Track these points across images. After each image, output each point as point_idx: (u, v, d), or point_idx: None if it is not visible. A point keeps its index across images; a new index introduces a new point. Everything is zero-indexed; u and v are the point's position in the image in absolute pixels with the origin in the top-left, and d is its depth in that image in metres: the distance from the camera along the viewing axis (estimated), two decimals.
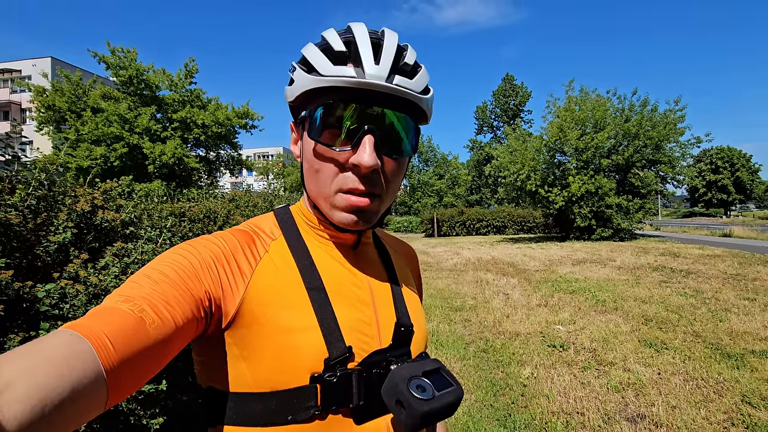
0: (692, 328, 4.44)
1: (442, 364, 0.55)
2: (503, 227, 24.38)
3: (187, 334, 0.45)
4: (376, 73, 0.49)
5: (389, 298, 0.62)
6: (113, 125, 16.00)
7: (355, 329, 0.55)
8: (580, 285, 6.89)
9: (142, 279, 0.45)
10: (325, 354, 0.51)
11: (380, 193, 0.54)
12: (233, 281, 0.51)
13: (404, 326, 0.60)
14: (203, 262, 0.49)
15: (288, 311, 0.52)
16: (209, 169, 20.08)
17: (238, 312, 0.50)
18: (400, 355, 0.58)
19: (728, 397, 2.90)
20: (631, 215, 15.52)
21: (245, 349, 0.50)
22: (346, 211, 0.53)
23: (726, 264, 8.60)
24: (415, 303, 0.67)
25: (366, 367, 0.53)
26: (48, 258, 1.62)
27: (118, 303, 0.41)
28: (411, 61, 0.53)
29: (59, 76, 17.33)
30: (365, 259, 0.64)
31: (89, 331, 0.36)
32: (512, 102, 44.26)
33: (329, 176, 0.52)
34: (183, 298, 0.45)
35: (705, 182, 53.24)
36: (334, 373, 0.51)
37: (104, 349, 0.36)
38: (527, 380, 3.32)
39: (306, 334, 0.51)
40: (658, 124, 14.98)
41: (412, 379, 0.50)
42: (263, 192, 8.03)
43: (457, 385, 0.52)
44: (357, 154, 0.50)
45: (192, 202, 3.68)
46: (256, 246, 0.56)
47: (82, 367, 0.33)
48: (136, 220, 2.38)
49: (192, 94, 18.15)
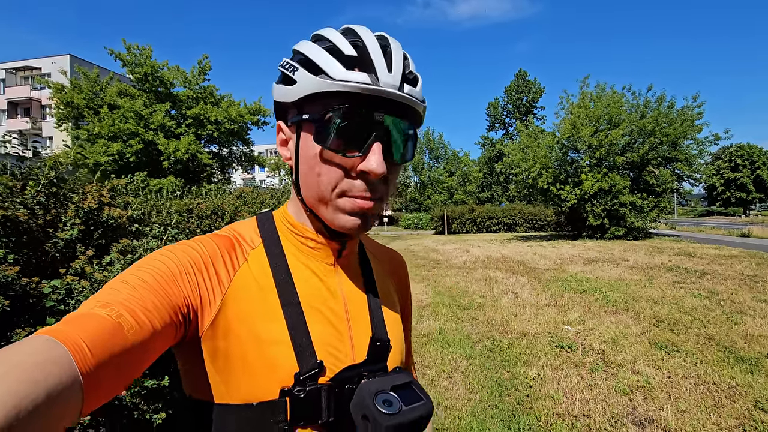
0: (705, 330, 4.35)
1: (413, 378, 0.54)
2: (514, 225, 24.16)
3: (166, 340, 0.45)
4: (391, 81, 0.49)
5: (365, 311, 0.61)
6: (129, 121, 16.29)
7: (328, 344, 0.55)
8: (591, 285, 6.79)
9: (119, 284, 0.45)
10: (295, 368, 0.51)
11: (380, 197, 0.54)
12: (211, 289, 0.51)
13: (380, 340, 0.59)
14: (182, 268, 0.49)
15: (262, 324, 0.52)
16: (222, 165, 20.32)
17: (214, 321, 0.50)
18: (376, 370, 0.57)
19: (740, 403, 2.83)
20: (646, 214, 15.22)
21: (219, 361, 0.51)
22: (351, 214, 0.52)
23: (743, 265, 8.39)
24: (394, 316, 0.66)
25: (337, 382, 0.53)
26: (56, 254, 1.65)
27: (95, 308, 0.41)
28: (414, 69, 0.55)
29: (77, 73, 17.70)
30: (345, 271, 0.63)
31: (65, 336, 0.36)
32: (525, 98, 43.68)
33: (333, 181, 0.52)
34: (161, 304, 0.45)
35: (723, 180, 51.85)
36: (303, 388, 0.50)
37: (81, 353, 0.35)
38: (533, 381, 3.29)
39: (277, 347, 0.51)
40: (674, 120, 14.63)
41: (379, 393, 0.49)
42: (271, 188, 8.09)
43: (428, 400, 0.52)
44: (366, 161, 0.50)
45: (200, 198, 3.72)
46: (236, 254, 0.56)
47: (57, 372, 0.33)
48: (144, 216, 2.41)
49: (205, 91, 18.36)
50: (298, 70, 0.51)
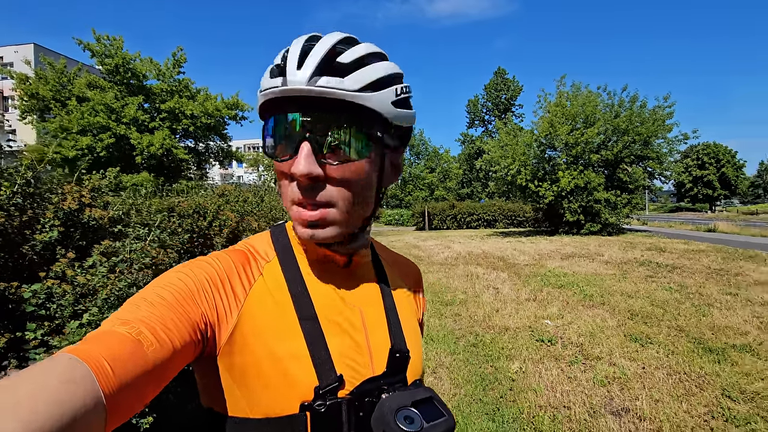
0: (676, 322, 4.55)
1: (434, 392, 0.54)
2: (494, 221, 24.55)
3: (185, 357, 0.45)
4: (297, 78, 0.48)
5: (383, 322, 0.61)
6: (99, 115, 15.69)
7: (346, 356, 0.54)
8: (569, 279, 6.99)
9: (139, 302, 0.45)
10: (315, 382, 0.51)
11: (330, 202, 0.50)
12: (227, 305, 0.51)
13: (399, 352, 0.58)
14: (199, 285, 0.50)
15: (279, 339, 0.52)
16: (198, 160, 19.84)
17: (230, 337, 0.50)
18: (395, 383, 0.56)
19: (709, 391, 2.99)
20: (619, 210, 15.75)
21: (237, 376, 0.51)
22: (299, 224, 0.52)
23: (710, 259, 8.80)
24: (413, 327, 0.65)
25: (357, 396, 0.52)
26: (34, 257, 1.59)
27: (116, 326, 0.41)
28: (349, 59, 0.50)
29: (43, 63, 16.87)
30: (359, 281, 0.62)
31: (88, 356, 0.36)
32: (504, 96, 44.34)
33: (285, 189, 0.52)
34: (180, 321, 0.45)
35: (691, 178, 54.23)
36: (323, 402, 0.50)
37: (103, 373, 0.36)
38: (516, 375, 3.38)
39: (296, 362, 0.51)
40: (646, 120, 15.16)
41: (400, 409, 0.49)
42: (254, 186, 7.96)
43: (449, 416, 0.51)
44: (293, 164, 0.49)
45: (181, 196, 3.63)
46: (251, 268, 0.56)
47: (81, 392, 0.33)
48: (125, 216, 2.34)
49: (180, 84, 17.85)
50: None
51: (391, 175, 0.59)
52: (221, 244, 3.08)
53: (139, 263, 1.68)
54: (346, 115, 0.50)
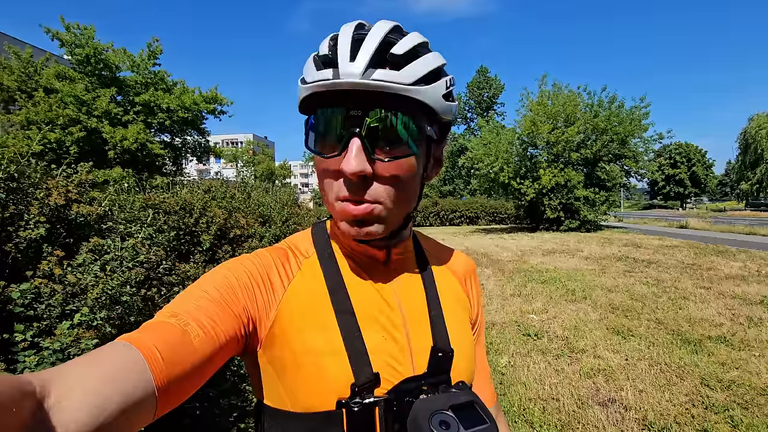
0: (655, 315, 4.71)
1: (477, 396, 0.51)
2: (476, 218, 24.88)
3: (228, 351, 0.47)
4: (350, 70, 0.46)
5: (425, 320, 0.58)
6: (69, 107, 14.99)
7: (385, 354, 0.53)
8: (551, 275, 7.15)
9: (187, 297, 0.47)
10: (351, 379, 0.50)
11: (379, 199, 0.49)
12: (267, 300, 0.52)
13: (442, 351, 0.56)
14: (241, 281, 0.51)
15: (316, 334, 0.51)
16: (175, 155, 19.26)
17: (270, 331, 0.51)
18: (437, 383, 0.54)
19: (689, 381, 3.11)
20: (597, 207, 16.21)
21: (278, 370, 0.51)
22: (344, 221, 0.51)
23: (683, 254, 9.15)
24: (459, 323, 0.62)
25: (396, 395, 0.51)
26: (18, 255, 1.51)
27: (166, 318, 0.43)
28: (402, 50, 0.48)
29: (7, 52, 15.99)
30: (399, 276, 0.60)
31: (140, 343, 0.38)
32: (486, 94, 44.81)
33: (329, 186, 0.51)
34: (224, 315, 0.46)
35: (664, 176, 56.20)
36: (360, 401, 0.49)
37: (155, 361, 0.38)
38: (505, 368, 3.43)
39: (333, 358, 0.50)
40: (624, 120, 15.62)
41: (436, 413, 0.46)
42: (241, 183, 7.80)
43: (492, 423, 0.47)
44: (343, 161, 0.47)
45: (163, 192, 3.52)
46: (290, 264, 0.56)
47: (135, 377, 0.35)
48: (109, 213, 2.25)
49: (156, 77, 17.22)
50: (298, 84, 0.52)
51: (433, 169, 0.58)
52: (209, 241, 3.01)
53: (131, 261, 1.62)
54: (401, 110, 0.48)
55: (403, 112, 0.48)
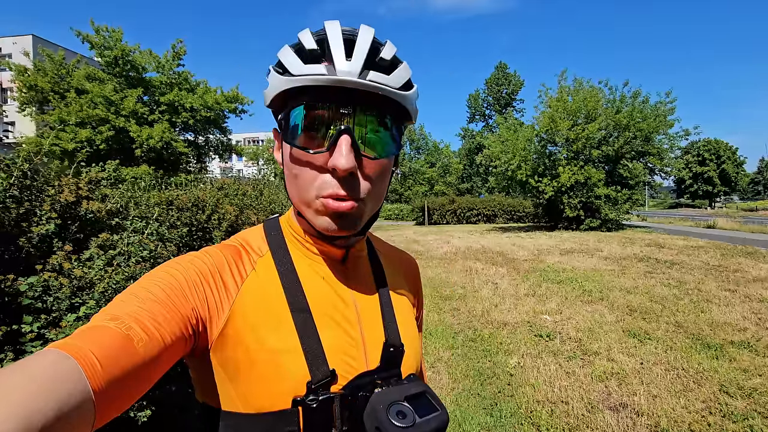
0: (675, 318, 4.56)
1: (428, 387, 0.53)
2: (493, 216, 24.56)
3: (175, 353, 0.45)
4: (348, 68, 0.47)
5: (378, 316, 0.60)
6: (98, 107, 15.59)
7: (340, 351, 0.54)
8: (568, 275, 7.00)
9: (128, 297, 0.45)
10: (307, 377, 0.50)
11: (361, 196, 0.51)
12: (219, 300, 0.50)
13: (393, 346, 0.58)
14: (190, 280, 0.49)
15: (271, 333, 0.51)
16: (198, 153, 19.75)
17: (222, 331, 0.50)
18: (389, 377, 0.56)
19: (707, 387, 2.99)
20: (619, 206, 15.75)
21: (230, 371, 0.50)
22: (327, 216, 0.51)
23: (709, 255, 8.80)
24: (408, 319, 0.65)
25: (351, 390, 0.52)
26: (31, 249, 1.58)
27: (105, 321, 0.41)
28: (388, 56, 0.51)
29: (41, 55, 16.74)
30: (354, 275, 0.62)
31: (76, 350, 0.36)
32: (505, 91, 44.11)
33: (308, 181, 0.51)
34: (170, 316, 0.44)
35: (691, 174, 54.14)
36: (316, 397, 0.49)
37: (91, 368, 0.35)
38: (514, 369, 3.38)
39: (288, 356, 0.50)
40: (648, 116, 15.10)
41: (393, 404, 0.48)
42: (253, 179, 7.94)
43: (443, 410, 0.51)
44: (333, 157, 0.47)
45: (180, 189, 3.62)
46: (243, 263, 0.55)
47: (68, 387, 0.33)
48: (123, 209, 2.33)
49: (180, 77, 17.72)
50: (270, 72, 0.52)
51: (395, 170, 0.60)
52: (220, 238, 3.07)
53: (137, 256, 1.68)
54: (387, 111, 0.51)
55: (389, 113, 0.51)
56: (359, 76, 0.47)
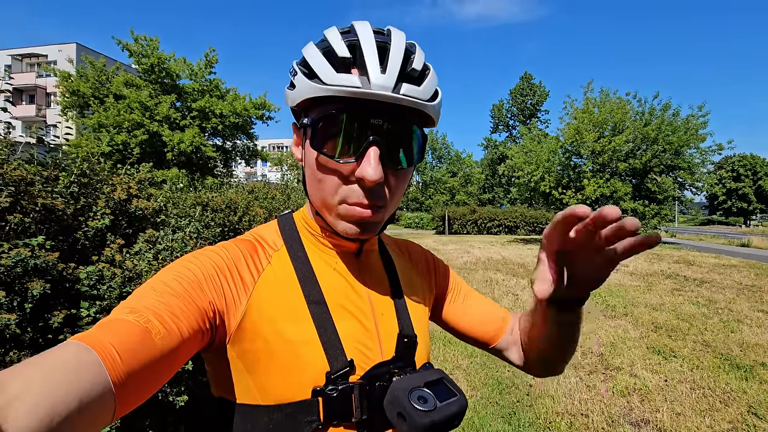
0: (702, 337, 4.42)
1: (445, 373, 0.55)
2: (515, 227, 24.21)
3: (193, 346, 0.46)
4: (383, 83, 0.47)
5: (391, 308, 0.61)
6: (135, 112, 16.36)
7: (356, 342, 0.55)
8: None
9: (147, 291, 0.46)
10: (326, 368, 0.51)
11: (384, 204, 0.52)
12: (236, 293, 0.51)
13: (407, 337, 0.59)
14: (207, 273, 0.50)
15: (289, 325, 0.52)
16: (225, 158, 20.40)
17: (240, 324, 0.51)
18: (404, 367, 0.57)
19: (734, 407, 2.91)
20: (647, 221, 15.31)
21: (248, 363, 0.51)
22: (350, 222, 0.52)
23: (742, 275, 8.46)
24: (420, 311, 0.66)
25: (368, 380, 0.53)
26: (86, 242, 1.73)
27: (125, 314, 0.41)
28: (419, 65, 0.51)
29: (84, 62, 17.76)
30: (368, 268, 0.63)
31: (96, 342, 0.37)
32: (529, 101, 43.69)
33: (332, 187, 0.51)
34: (188, 310, 0.45)
35: (725, 190, 51.94)
36: (335, 387, 0.50)
37: (111, 359, 0.36)
38: (533, 380, 3.37)
39: (307, 347, 0.52)
40: (678, 129, 14.69)
41: (413, 390, 0.50)
42: (280, 184, 8.17)
43: (461, 395, 0.52)
44: (361, 168, 0.48)
45: (212, 191, 3.81)
46: (259, 257, 0.56)
47: (89, 378, 0.34)
48: (164, 208, 2.49)
49: (211, 84, 18.42)
50: (297, 74, 0.51)
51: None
52: None
53: (180, 251, 1.81)
54: (415, 123, 0.52)
55: (416, 125, 0.52)
56: (393, 90, 0.47)
